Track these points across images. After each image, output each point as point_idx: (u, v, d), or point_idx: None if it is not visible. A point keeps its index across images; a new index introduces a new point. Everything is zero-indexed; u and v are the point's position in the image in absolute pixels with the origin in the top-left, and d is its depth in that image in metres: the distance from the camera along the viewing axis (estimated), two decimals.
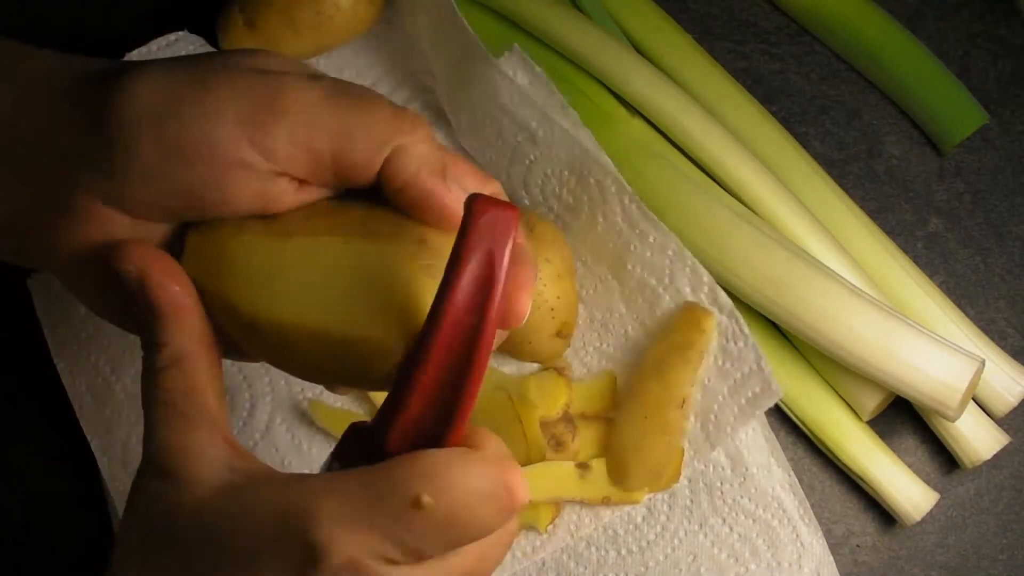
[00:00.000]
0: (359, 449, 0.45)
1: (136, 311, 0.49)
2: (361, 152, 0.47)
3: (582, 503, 0.70)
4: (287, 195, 0.48)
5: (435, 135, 0.50)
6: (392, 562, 0.43)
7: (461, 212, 0.45)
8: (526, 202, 0.71)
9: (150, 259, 0.48)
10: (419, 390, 0.44)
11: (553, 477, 0.69)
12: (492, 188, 0.50)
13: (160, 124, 0.47)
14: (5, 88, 0.50)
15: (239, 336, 0.49)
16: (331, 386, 0.53)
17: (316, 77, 0.49)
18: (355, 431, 0.47)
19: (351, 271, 0.47)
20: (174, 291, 0.48)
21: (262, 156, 0.47)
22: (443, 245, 0.47)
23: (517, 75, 0.70)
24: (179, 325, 0.48)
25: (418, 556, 0.43)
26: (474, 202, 0.44)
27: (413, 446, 0.44)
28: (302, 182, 0.48)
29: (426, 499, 0.42)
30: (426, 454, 0.43)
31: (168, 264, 0.49)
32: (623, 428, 0.68)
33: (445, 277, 0.44)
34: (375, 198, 0.49)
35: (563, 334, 0.68)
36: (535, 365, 0.71)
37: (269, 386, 0.72)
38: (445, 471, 0.43)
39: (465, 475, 0.43)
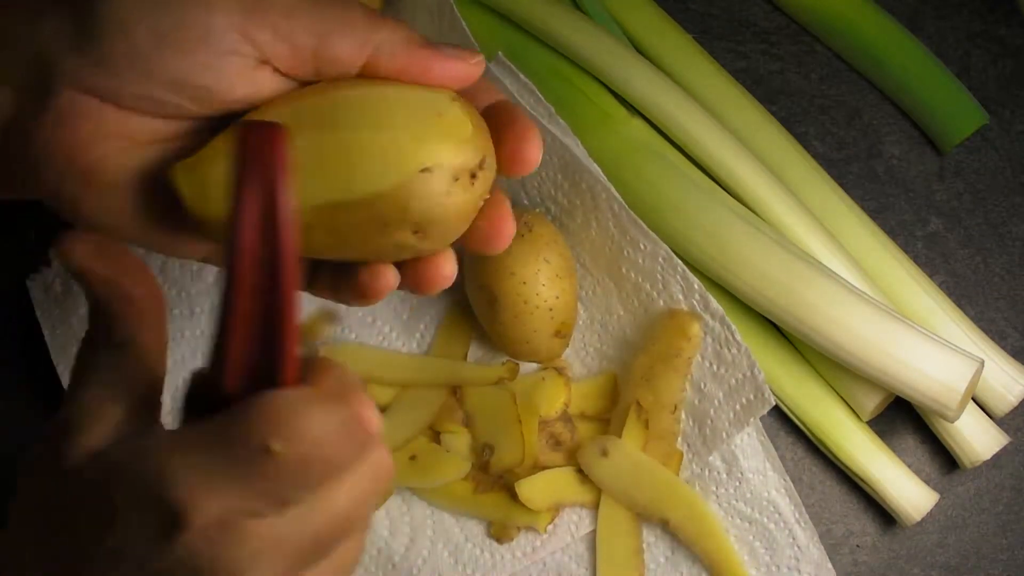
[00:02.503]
0: (204, 396, 0.44)
1: (129, 223, 0.49)
2: (343, 48, 0.49)
3: (583, 505, 0.70)
4: (269, 84, 0.49)
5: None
6: (258, 515, 0.42)
7: (460, 69, 0.50)
8: (525, 202, 0.71)
9: (92, 254, 0.48)
10: (237, 325, 0.43)
11: (553, 482, 0.69)
12: (477, 58, 0.51)
13: (153, 12, 0.47)
14: None
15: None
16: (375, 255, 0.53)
17: None
18: (197, 377, 0.46)
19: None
20: (113, 286, 0.48)
21: (250, 44, 0.48)
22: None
23: (506, 82, 0.70)
24: (122, 318, 0.48)
25: (283, 503, 0.42)
26: (239, 130, 0.44)
27: (250, 385, 0.43)
28: (283, 74, 0.49)
29: (275, 446, 0.41)
30: (267, 399, 0.42)
31: (117, 254, 0.49)
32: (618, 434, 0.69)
33: (230, 213, 0.43)
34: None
35: (562, 334, 0.68)
36: (534, 365, 0.71)
37: None
38: (288, 414, 0.42)
39: (310, 414, 0.42)
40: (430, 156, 0.48)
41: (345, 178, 0.48)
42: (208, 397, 0.44)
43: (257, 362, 0.44)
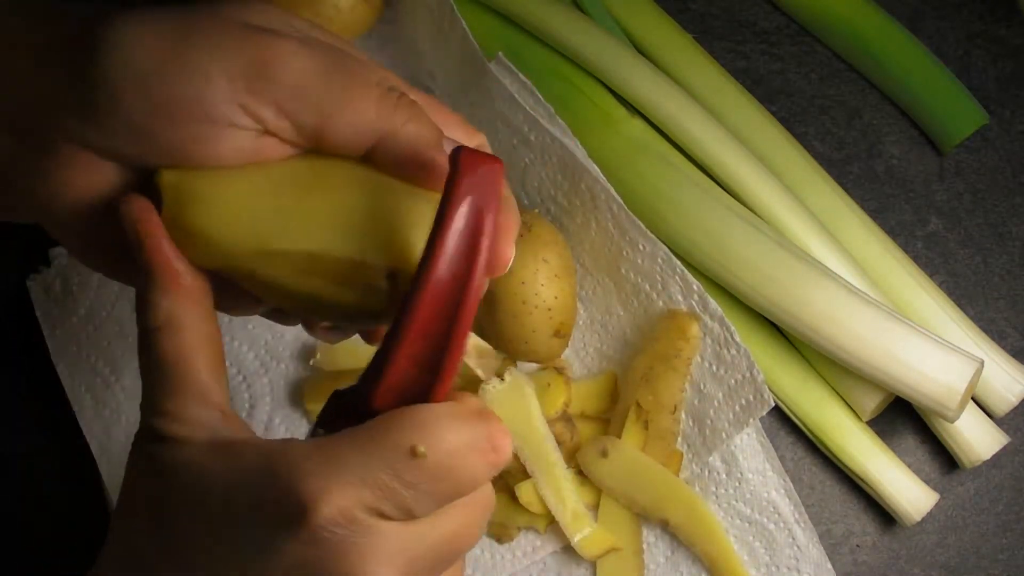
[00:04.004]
0: (343, 415, 0.45)
1: (132, 267, 0.48)
2: (345, 134, 0.47)
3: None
4: (272, 151, 0.48)
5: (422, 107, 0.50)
6: (385, 517, 0.42)
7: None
8: (525, 202, 0.71)
9: (154, 220, 0.48)
10: (406, 346, 0.44)
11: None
12: (478, 140, 0.51)
13: (145, 82, 0.46)
14: None
15: (233, 272, 0.48)
16: (328, 320, 0.52)
17: (308, 43, 0.48)
18: (338, 397, 0.46)
19: (351, 194, 0.47)
20: (172, 254, 0.48)
21: (250, 118, 0.47)
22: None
23: (506, 82, 0.70)
24: (174, 287, 0.47)
25: (409, 513, 0.43)
26: (460, 155, 0.43)
27: (399, 404, 0.44)
28: (284, 141, 0.48)
29: (420, 448, 0.42)
30: (416, 407, 0.43)
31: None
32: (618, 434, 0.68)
33: (433, 231, 0.43)
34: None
35: (561, 334, 0.68)
36: (534, 365, 0.71)
37: (269, 386, 0.72)
38: (436, 421, 0.43)
39: (456, 426, 0.43)
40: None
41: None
42: (347, 415, 0.44)
43: (411, 384, 0.44)
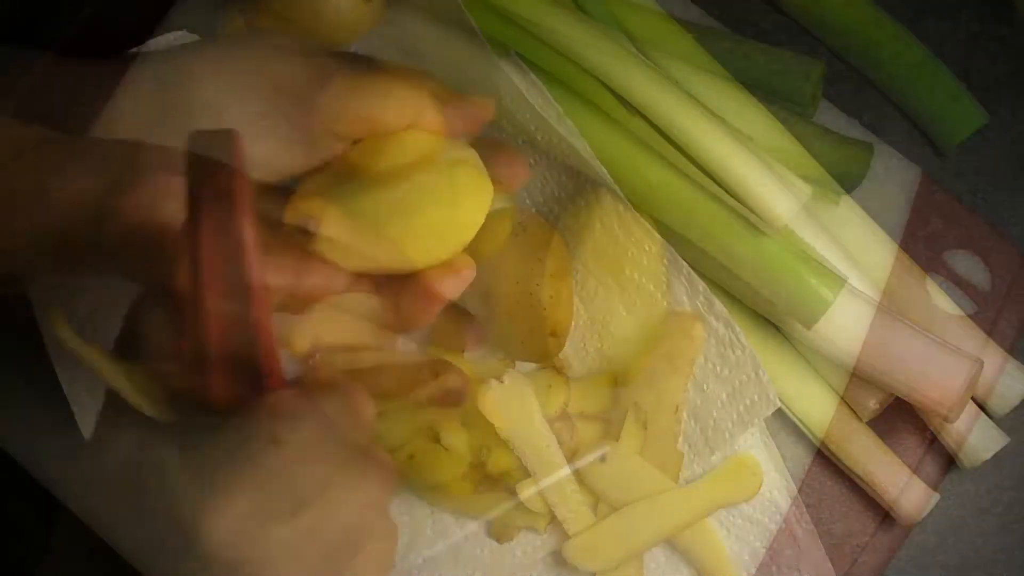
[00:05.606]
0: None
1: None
2: (392, 115, 0.56)
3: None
4: (328, 150, 0.55)
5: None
6: (273, 518, 0.43)
7: (475, 114, 0.60)
8: (526, 202, 0.71)
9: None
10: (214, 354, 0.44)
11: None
12: (487, 103, 0.61)
13: (238, 100, 0.53)
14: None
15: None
16: None
17: (333, 57, 0.57)
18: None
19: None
20: None
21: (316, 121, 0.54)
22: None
23: (515, 79, 0.70)
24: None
25: (296, 504, 0.43)
26: (190, 148, 0.45)
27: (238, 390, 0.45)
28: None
29: (282, 435, 0.42)
30: (267, 400, 0.44)
31: None
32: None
33: (188, 253, 0.44)
34: None
35: (557, 333, 0.68)
36: (533, 364, 0.71)
37: None
38: (290, 407, 0.44)
39: (310, 404, 0.44)
40: None
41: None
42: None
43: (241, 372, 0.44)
